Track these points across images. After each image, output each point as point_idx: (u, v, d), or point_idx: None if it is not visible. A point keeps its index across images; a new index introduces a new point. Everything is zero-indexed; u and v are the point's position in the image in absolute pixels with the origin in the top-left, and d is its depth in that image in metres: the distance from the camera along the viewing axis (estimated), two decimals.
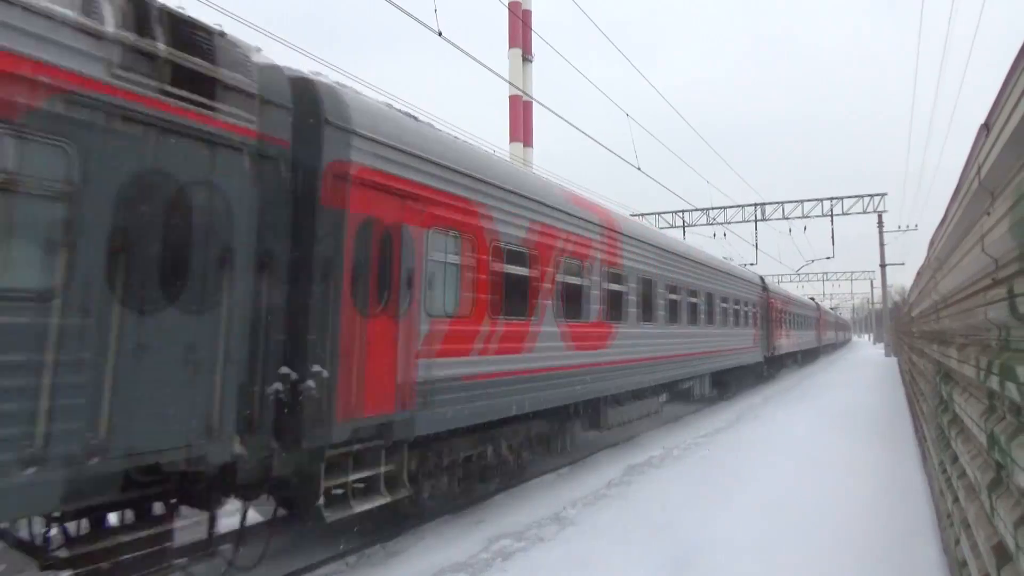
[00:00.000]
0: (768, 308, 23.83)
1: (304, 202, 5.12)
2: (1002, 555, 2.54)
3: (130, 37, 3.95)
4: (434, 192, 6.50)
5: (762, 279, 23.97)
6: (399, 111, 6.73)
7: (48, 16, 3.52)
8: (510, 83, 33.79)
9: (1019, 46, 2.05)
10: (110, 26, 3.84)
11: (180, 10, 4.39)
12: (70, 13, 3.65)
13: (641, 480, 9.01)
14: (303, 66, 5.74)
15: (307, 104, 5.27)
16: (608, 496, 8.24)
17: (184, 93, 4.22)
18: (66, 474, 3.55)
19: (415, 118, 6.92)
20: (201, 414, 4.30)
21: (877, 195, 35.75)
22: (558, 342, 8.78)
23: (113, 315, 3.81)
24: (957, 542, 4.09)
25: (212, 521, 4.95)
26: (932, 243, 6.11)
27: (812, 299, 44.31)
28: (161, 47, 4.12)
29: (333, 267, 5.23)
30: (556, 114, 14.61)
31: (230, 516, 5.94)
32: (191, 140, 4.28)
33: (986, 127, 2.51)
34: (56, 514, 4.02)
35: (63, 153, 3.62)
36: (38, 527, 4.23)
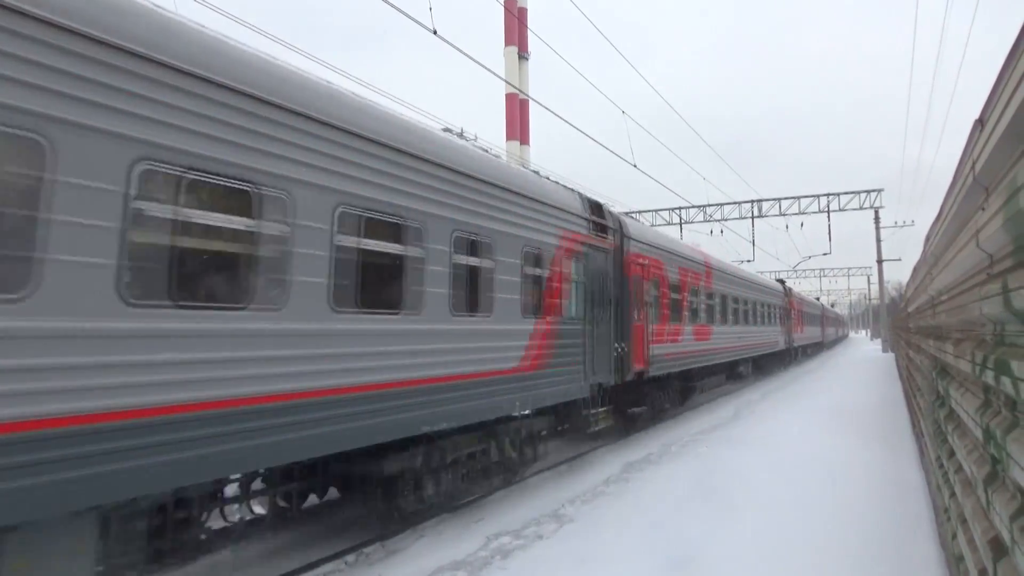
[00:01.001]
0: (620, 269, 11.21)
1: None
2: (998, 549, 2.55)
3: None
4: None
5: (584, 198, 10.40)
6: None
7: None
8: (506, 81, 33.77)
9: (1013, 41, 2.05)
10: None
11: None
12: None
13: (639, 477, 9.03)
14: (297, 63, 5.71)
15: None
16: (606, 493, 8.25)
17: None
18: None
19: None
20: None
21: (874, 191, 35.83)
22: None
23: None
24: (954, 536, 4.10)
25: None
26: (928, 239, 6.12)
27: (781, 282, 32.49)
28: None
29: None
30: (552, 112, 14.60)
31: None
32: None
33: (980, 122, 2.51)
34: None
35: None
36: None
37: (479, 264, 7.32)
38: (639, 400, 12.58)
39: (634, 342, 11.44)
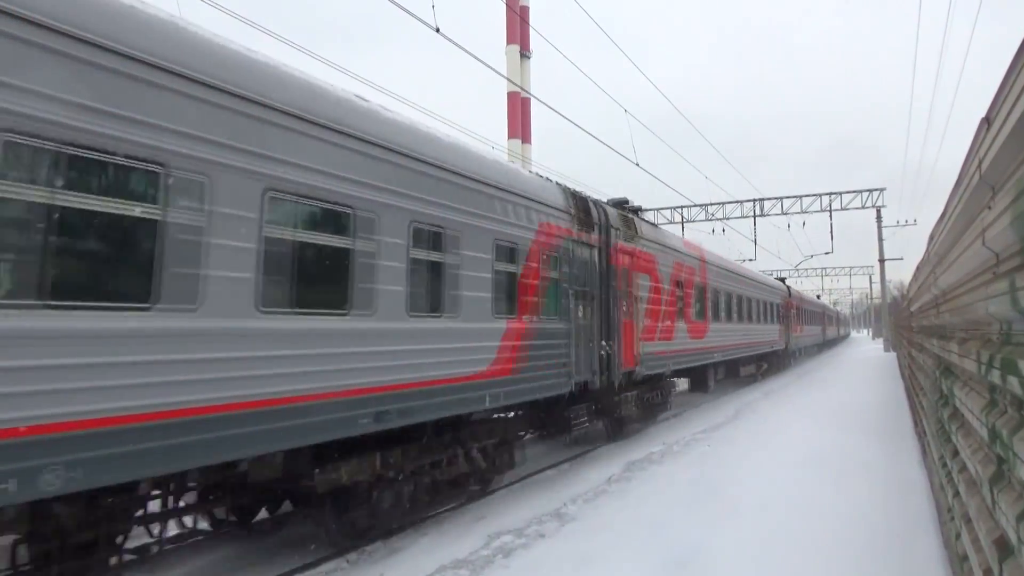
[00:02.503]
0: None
1: None
2: (1004, 549, 2.54)
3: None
4: None
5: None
6: None
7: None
8: (508, 79, 33.77)
9: (1021, 39, 2.04)
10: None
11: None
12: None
13: (642, 476, 9.02)
14: (295, 62, 5.70)
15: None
16: (608, 492, 8.25)
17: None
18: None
19: None
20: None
21: (876, 190, 35.82)
22: None
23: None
24: (958, 536, 4.10)
25: None
26: (932, 237, 6.10)
27: (627, 209, 12.69)
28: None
29: None
30: (554, 110, 14.59)
31: None
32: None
33: (987, 121, 2.50)
34: None
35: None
36: None
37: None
38: None
39: None
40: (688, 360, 15.06)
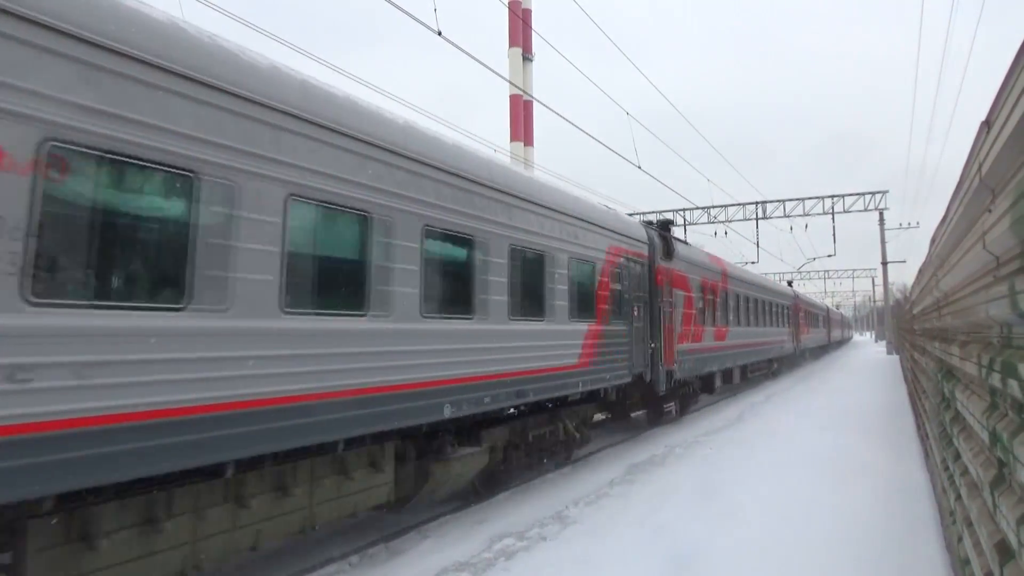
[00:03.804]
0: None
1: None
2: (1004, 552, 2.54)
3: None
4: None
5: None
6: None
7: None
8: (510, 82, 33.80)
9: (1020, 42, 2.05)
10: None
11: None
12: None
13: (643, 479, 9.02)
14: (297, 64, 5.76)
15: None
16: (610, 495, 8.25)
17: None
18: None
19: None
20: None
21: (878, 192, 35.75)
22: None
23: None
24: (959, 539, 4.09)
25: None
26: (933, 240, 6.10)
27: None
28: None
29: None
30: (556, 113, 14.62)
31: None
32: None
33: (987, 124, 2.50)
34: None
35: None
36: None
37: None
38: None
39: None
40: None
